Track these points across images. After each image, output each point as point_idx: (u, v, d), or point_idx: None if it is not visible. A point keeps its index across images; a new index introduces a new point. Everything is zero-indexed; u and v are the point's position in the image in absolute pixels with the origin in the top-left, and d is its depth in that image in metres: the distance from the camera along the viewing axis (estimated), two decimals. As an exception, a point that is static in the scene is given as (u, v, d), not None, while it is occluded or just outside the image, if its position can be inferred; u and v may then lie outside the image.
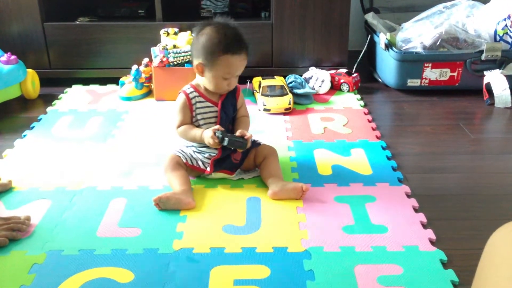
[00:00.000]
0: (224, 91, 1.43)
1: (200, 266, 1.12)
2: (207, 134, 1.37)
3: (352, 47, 2.38)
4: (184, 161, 1.44)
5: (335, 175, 1.50)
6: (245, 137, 1.38)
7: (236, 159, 1.46)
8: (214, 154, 1.43)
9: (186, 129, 1.43)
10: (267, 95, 1.95)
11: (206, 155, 1.44)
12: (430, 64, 2.05)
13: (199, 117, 1.44)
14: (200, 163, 1.44)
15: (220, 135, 1.35)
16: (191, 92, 1.44)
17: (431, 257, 1.14)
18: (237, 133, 1.39)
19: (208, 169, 1.43)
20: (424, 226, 1.26)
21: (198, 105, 1.44)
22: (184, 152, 1.46)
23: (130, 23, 2.19)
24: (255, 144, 1.50)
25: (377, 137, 1.73)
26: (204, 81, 1.42)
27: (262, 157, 1.46)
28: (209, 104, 1.44)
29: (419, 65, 2.06)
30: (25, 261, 1.13)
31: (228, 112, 1.46)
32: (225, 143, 1.35)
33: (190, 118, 1.44)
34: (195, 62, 1.40)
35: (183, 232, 1.23)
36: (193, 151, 1.46)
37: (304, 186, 1.34)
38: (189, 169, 1.44)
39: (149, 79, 2.08)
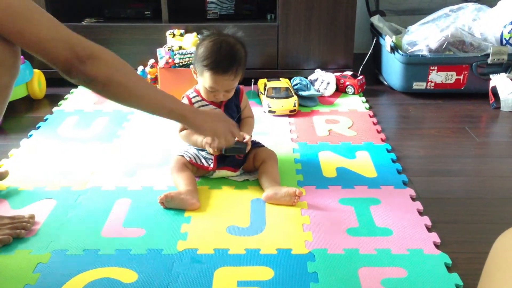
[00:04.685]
0: (214, 100, 1.44)
1: (204, 267, 1.12)
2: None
3: (357, 50, 2.38)
4: (188, 159, 1.44)
5: (340, 177, 1.49)
6: (244, 140, 1.38)
7: (240, 156, 1.46)
8: None
9: (187, 134, 1.45)
10: (272, 97, 1.95)
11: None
12: (436, 67, 2.05)
13: None
14: (203, 161, 1.45)
15: None
16: (194, 97, 1.46)
17: (436, 261, 1.14)
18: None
19: (212, 165, 1.43)
20: (429, 229, 1.26)
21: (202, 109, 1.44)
22: (187, 152, 1.46)
23: (136, 24, 2.19)
24: (256, 145, 1.50)
25: (382, 140, 1.73)
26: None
27: (260, 160, 1.46)
28: (212, 106, 1.44)
29: (424, 68, 2.06)
30: (29, 261, 1.14)
31: (232, 113, 1.46)
32: (223, 152, 1.36)
33: None
34: (192, 64, 1.44)
35: (187, 233, 1.24)
36: (196, 149, 1.47)
37: (298, 191, 1.33)
38: (194, 168, 1.45)
39: (154, 80, 2.09)
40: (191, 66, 1.46)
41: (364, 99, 2.09)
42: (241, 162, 1.47)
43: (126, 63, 1.11)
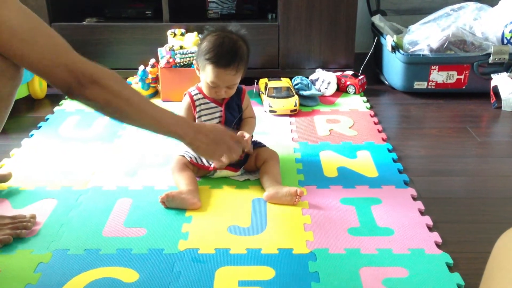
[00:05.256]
0: (216, 97, 1.44)
1: (205, 267, 1.12)
2: None
3: (358, 49, 2.37)
4: (189, 159, 1.44)
5: (341, 177, 1.49)
6: (244, 138, 1.37)
7: (240, 156, 1.46)
8: None
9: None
10: (273, 97, 1.95)
11: None
12: (437, 67, 2.05)
13: (203, 118, 1.44)
14: (204, 160, 1.45)
15: None
16: (195, 94, 1.46)
17: (437, 260, 1.14)
18: (237, 134, 1.38)
19: (213, 165, 1.43)
20: (430, 229, 1.26)
21: (203, 106, 1.45)
22: (188, 152, 1.46)
23: (137, 24, 2.19)
24: (258, 145, 1.50)
25: (383, 140, 1.73)
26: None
27: (262, 160, 1.46)
28: (213, 105, 1.45)
29: (426, 68, 2.06)
30: (31, 260, 1.14)
31: (233, 112, 1.46)
32: None
33: (193, 119, 1.45)
34: (195, 60, 1.44)
35: (188, 233, 1.24)
36: None
37: (299, 190, 1.33)
38: (195, 168, 1.45)
39: (155, 79, 2.09)
40: (194, 61, 1.46)
41: (365, 98, 2.09)
42: (242, 162, 1.47)
43: (126, 84, 1.12)
